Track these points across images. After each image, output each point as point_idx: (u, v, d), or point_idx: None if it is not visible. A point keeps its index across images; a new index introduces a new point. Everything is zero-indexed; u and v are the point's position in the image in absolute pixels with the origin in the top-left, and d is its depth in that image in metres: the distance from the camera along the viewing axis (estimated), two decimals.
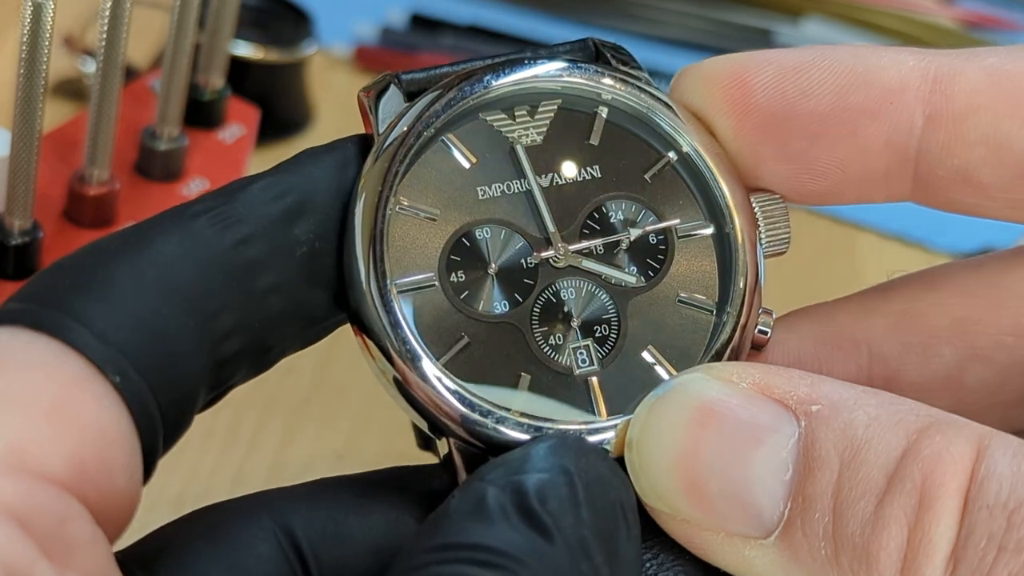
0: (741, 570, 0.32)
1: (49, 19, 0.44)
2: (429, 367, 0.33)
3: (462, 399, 0.33)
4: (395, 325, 0.33)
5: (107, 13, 0.48)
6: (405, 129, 0.34)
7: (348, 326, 0.34)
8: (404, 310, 0.33)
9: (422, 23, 0.83)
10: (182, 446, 0.33)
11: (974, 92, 0.35)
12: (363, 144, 0.35)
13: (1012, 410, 0.36)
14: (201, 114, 0.57)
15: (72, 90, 0.71)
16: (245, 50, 0.71)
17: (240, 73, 0.63)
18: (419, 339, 0.33)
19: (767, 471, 0.31)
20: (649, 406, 0.33)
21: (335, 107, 0.76)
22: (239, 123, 0.58)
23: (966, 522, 0.29)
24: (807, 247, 0.74)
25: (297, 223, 0.33)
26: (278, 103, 0.72)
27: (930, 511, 0.29)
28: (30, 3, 0.44)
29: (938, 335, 0.36)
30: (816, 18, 0.88)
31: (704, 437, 0.32)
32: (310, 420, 0.60)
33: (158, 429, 0.31)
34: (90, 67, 0.70)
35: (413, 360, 0.33)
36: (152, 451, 0.31)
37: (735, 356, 0.35)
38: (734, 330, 0.35)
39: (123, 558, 0.32)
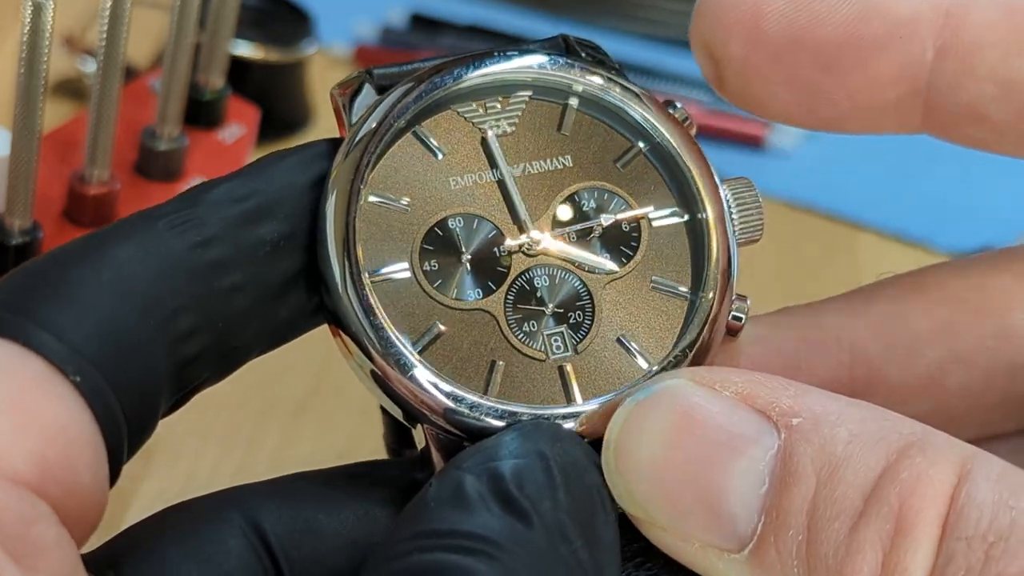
0: None
1: (49, 19, 0.44)
2: (405, 357, 0.33)
3: (438, 387, 0.33)
4: (369, 317, 0.33)
5: (107, 13, 0.48)
6: (376, 122, 0.35)
7: (321, 328, 0.34)
8: (378, 301, 0.33)
9: (422, 23, 0.83)
10: (182, 446, 0.33)
11: (985, 27, 0.35)
12: (332, 145, 0.35)
13: (993, 413, 0.36)
14: (201, 114, 0.57)
15: (72, 90, 0.71)
16: (245, 50, 0.71)
17: (240, 73, 0.63)
18: (394, 330, 0.33)
19: (743, 483, 0.31)
20: (629, 409, 0.32)
21: None
22: (239, 123, 0.58)
23: (943, 552, 0.29)
24: (807, 247, 0.74)
25: (262, 223, 0.33)
26: (278, 103, 0.72)
27: (906, 538, 0.29)
28: (30, 3, 0.44)
29: (921, 338, 0.36)
30: None
31: (682, 445, 0.31)
32: (310, 420, 0.60)
33: (122, 428, 0.31)
34: (90, 67, 0.70)
35: (388, 351, 0.33)
36: (117, 452, 0.31)
37: (708, 342, 0.35)
38: (707, 315, 0.35)
39: (92, 558, 0.32)
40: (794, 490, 0.30)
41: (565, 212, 0.35)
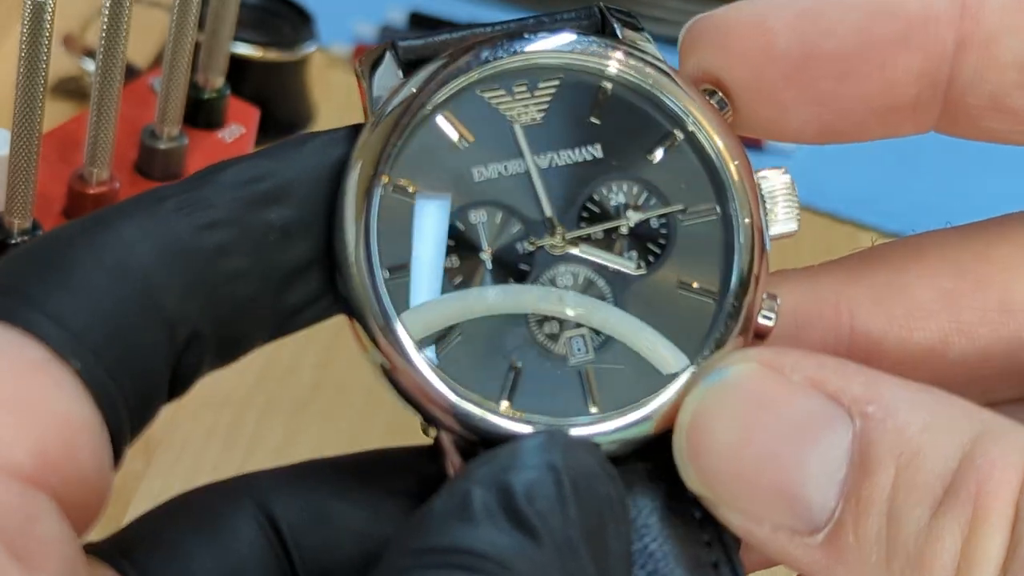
0: (783, 562, 0.32)
1: (49, 19, 0.44)
2: (419, 356, 0.32)
3: (453, 389, 0.32)
4: (385, 311, 0.32)
5: (107, 13, 0.48)
6: (399, 106, 0.33)
7: (324, 325, 0.34)
8: (395, 295, 0.32)
9: (422, 22, 0.84)
10: (183, 446, 0.33)
11: (1005, 12, 0.34)
12: (352, 132, 0.33)
13: (992, 383, 0.36)
14: (201, 113, 0.57)
15: (72, 90, 0.71)
16: (245, 50, 0.71)
17: (240, 73, 0.63)
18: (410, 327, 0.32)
19: (820, 468, 0.31)
20: (700, 394, 0.32)
21: (335, 107, 0.76)
22: (239, 123, 0.58)
23: (1015, 533, 0.29)
24: (807, 247, 0.74)
25: (272, 208, 0.32)
26: (278, 103, 0.72)
27: (984, 524, 0.29)
28: (30, 3, 0.44)
29: (923, 308, 0.36)
30: None
31: (756, 429, 0.31)
32: (310, 420, 0.60)
33: (122, 413, 0.30)
34: (90, 67, 0.70)
35: (403, 348, 0.32)
36: (118, 437, 0.30)
37: (737, 344, 0.33)
38: (735, 317, 0.33)
39: (104, 547, 0.31)
40: (875, 477, 0.30)
41: (592, 208, 0.34)
